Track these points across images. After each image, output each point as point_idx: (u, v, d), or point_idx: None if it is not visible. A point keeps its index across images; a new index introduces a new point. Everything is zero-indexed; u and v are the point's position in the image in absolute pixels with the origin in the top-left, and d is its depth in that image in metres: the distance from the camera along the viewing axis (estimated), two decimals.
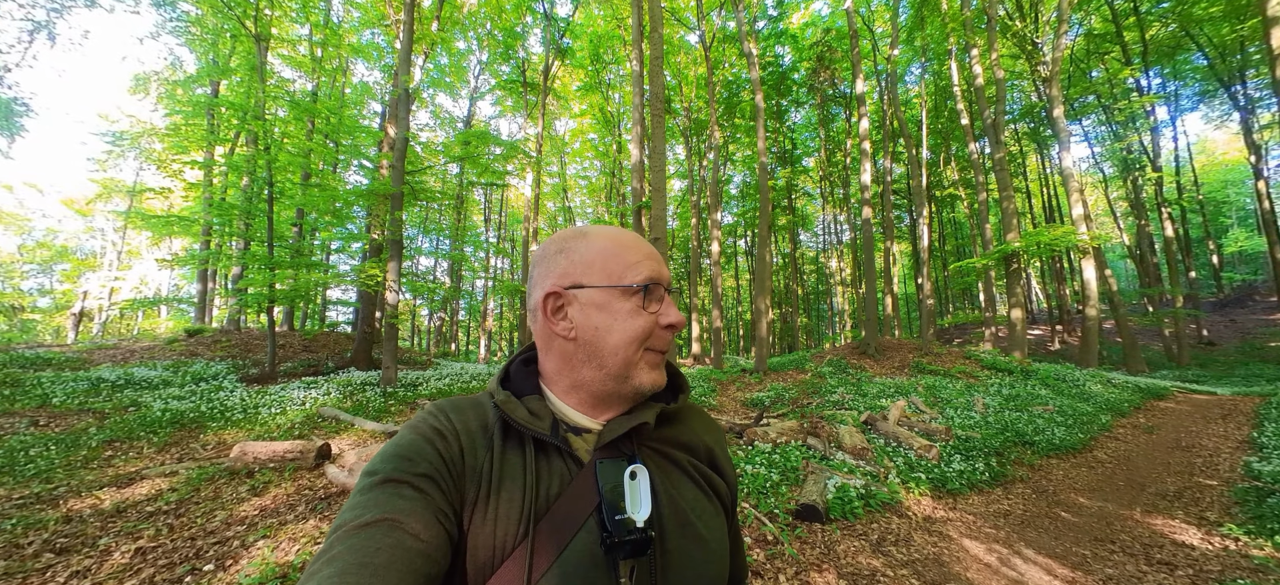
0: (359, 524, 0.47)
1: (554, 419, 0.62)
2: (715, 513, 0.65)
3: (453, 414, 0.61)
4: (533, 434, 0.60)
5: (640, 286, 0.60)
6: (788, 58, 21.06)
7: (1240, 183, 34.02)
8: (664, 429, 0.66)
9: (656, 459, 0.63)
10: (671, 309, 0.61)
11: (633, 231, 0.67)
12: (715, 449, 0.71)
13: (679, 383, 0.71)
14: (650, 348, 0.61)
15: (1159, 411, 8.36)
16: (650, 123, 6.56)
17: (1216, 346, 18.97)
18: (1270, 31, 8.44)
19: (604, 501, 0.55)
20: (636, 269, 0.61)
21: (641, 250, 0.63)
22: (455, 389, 8.59)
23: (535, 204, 17.60)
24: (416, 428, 0.58)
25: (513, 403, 0.61)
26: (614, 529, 0.54)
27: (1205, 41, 18.33)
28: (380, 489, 0.50)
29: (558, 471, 0.59)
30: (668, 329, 0.61)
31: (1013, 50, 17.75)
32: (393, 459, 0.54)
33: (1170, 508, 4.03)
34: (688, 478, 0.65)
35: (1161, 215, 19.64)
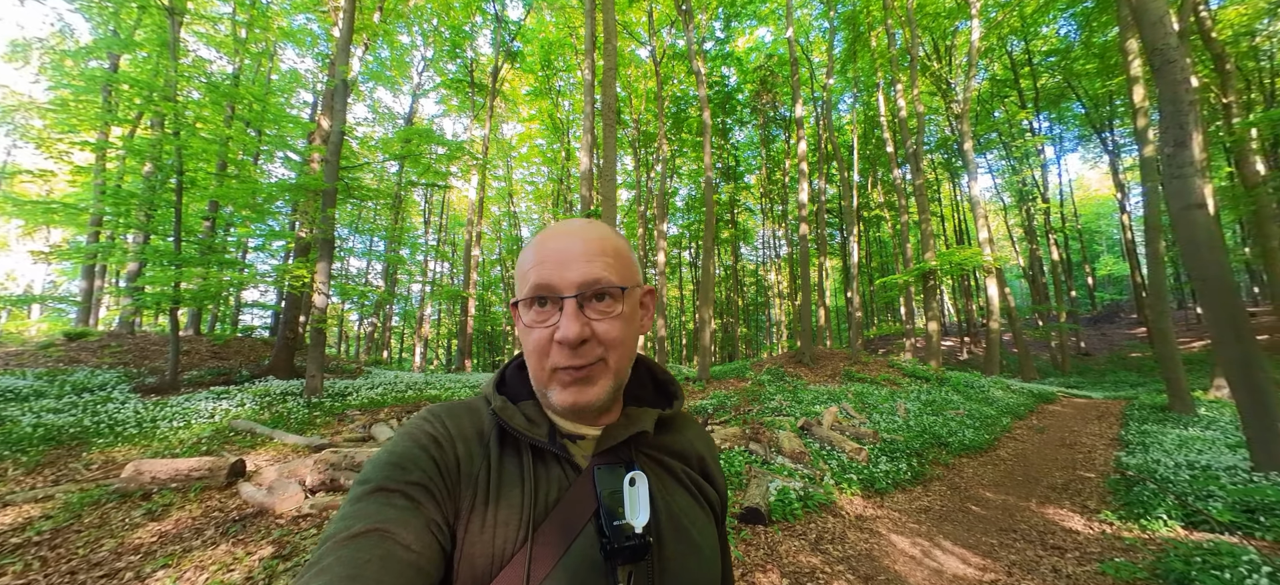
0: (349, 535, 0.46)
1: (551, 425, 0.60)
2: (707, 520, 0.65)
3: (448, 420, 0.60)
4: (530, 441, 0.59)
5: (528, 298, 0.57)
6: (733, 79, 21.95)
7: (1109, 215, 39.32)
8: (659, 436, 0.66)
9: (652, 466, 0.63)
10: (566, 323, 0.54)
11: (560, 228, 0.61)
12: (707, 458, 0.71)
13: (673, 390, 0.71)
14: (554, 365, 0.56)
15: (1048, 414, 9.44)
16: (601, 132, 6.61)
17: (1091, 356, 21.72)
18: (1132, 88, 9.91)
19: (602, 507, 0.55)
20: (528, 276, 0.57)
21: (541, 253, 0.58)
22: (389, 398, 8.12)
23: (479, 207, 17.08)
24: (411, 434, 0.57)
25: (510, 409, 0.60)
26: (613, 534, 0.53)
27: (1083, 93, 21.15)
28: (371, 498, 0.49)
29: (556, 478, 0.58)
30: (558, 345, 0.55)
31: (930, 88, 19.56)
32: (385, 467, 0.52)
33: (1059, 499, 4.57)
34: (681, 485, 0.65)
35: (1049, 241, 22.32)
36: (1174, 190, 5.11)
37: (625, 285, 0.58)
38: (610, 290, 0.57)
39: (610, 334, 0.57)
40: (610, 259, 0.59)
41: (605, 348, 0.57)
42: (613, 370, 0.58)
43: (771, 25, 20.48)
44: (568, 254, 0.57)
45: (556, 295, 0.56)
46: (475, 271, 16.47)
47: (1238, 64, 15.52)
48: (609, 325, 0.57)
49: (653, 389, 0.72)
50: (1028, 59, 20.41)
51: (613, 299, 0.58)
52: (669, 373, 0.72)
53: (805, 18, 20.34)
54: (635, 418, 0.63)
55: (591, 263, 0.57)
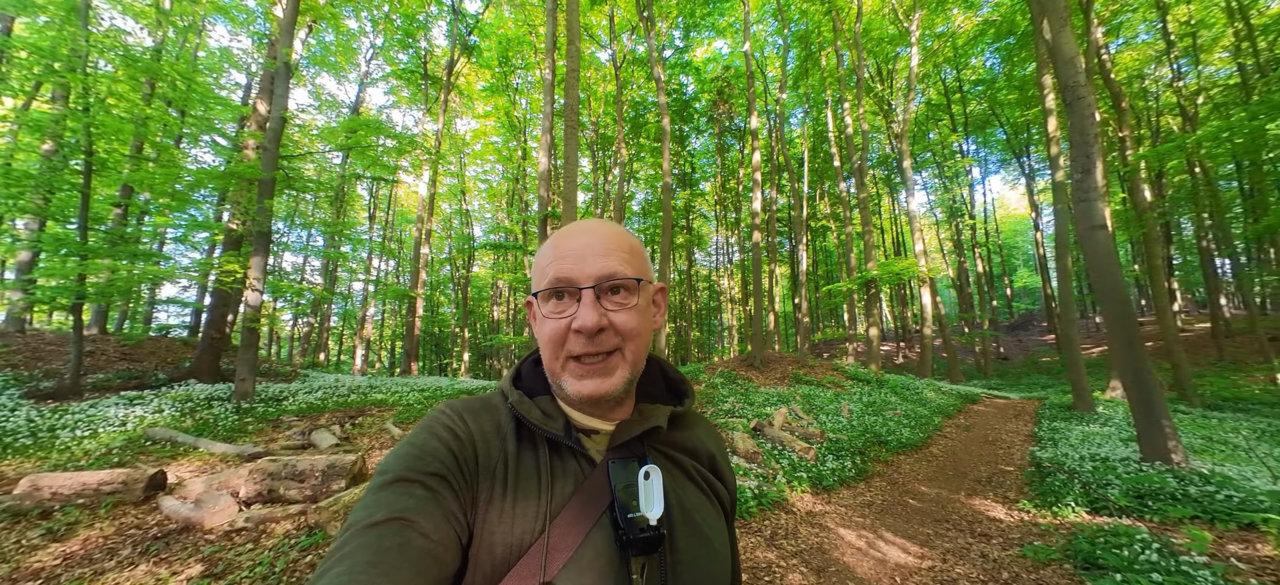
0: (370, 523, 0.47)
1: (567, 420, 0.62)
2: (717, 516, 0.67)
3: (466, 414, 0.61)
4: (547, 434, 0.60)
5: (547, 290, 0.59)
6: (691, 88, 22.39)
7: (1025, 232, 43.20)
8: (671, 433, 0.68)
9: (664, 461, 0.65)
10: (583, 311, 0.57)
11: (578, 226, 0.63)
12: (717, 455, 0.72)
13: (685, 388, 0.73)
14: (570, 355, 0.58)
15: (973, 413, 10.25)
16: (562, 134, 6.57)
17: (1009, 360, 23.78)
18: (1047, 119, 11.00)
19: (617, 500, 0.57)
20: (547, 271, 0.60)
21: (560, 249, 0.61)
22: (330, 403, 7.67)
23: (430, 204, 16.44)
24: (429, 427, 0.59)
25: (526, 403, 0.62)
26: (627, 526, 0.55)
27: (1005, 121, 23.19)
28: (391, 488, 0.51)
29: (572, 471, 0.60)
30: (577, 333, 0.57)
31: (874, 108, 20.80)
32: (405, 457, 0.54)
33: (984, 490, 4.99)
34: (691, 481, 0.67)
35: (975, 255, 24.25)
36: (1081, 212, 5.73)
37: (640, 279, 0.61)
38: (626, 283, 0.60)
39: (627, 325, 0.59)
40: (625, 254, 0.61)
41: (622, 338, 0.59)
42: (628, 361, 0.60)
43: (728, 38, 21.08)
44: (586, 249, 0.60)
45: (575, 287, 0.58)
46: (424, 270, 15.82)
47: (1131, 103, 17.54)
48: (625, 316, 0.59)
49: (664, 387, 0.74)
50: (959, 87, 22.19)
51: (628, 291, 0.60)
52: (680, 371, 0.75)
53: (761, 34, 21.09)
54: (648, 414, 0.65)
55: (608, 257, 0.60)
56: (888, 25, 18.42)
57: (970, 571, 3.07)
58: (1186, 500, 3.71)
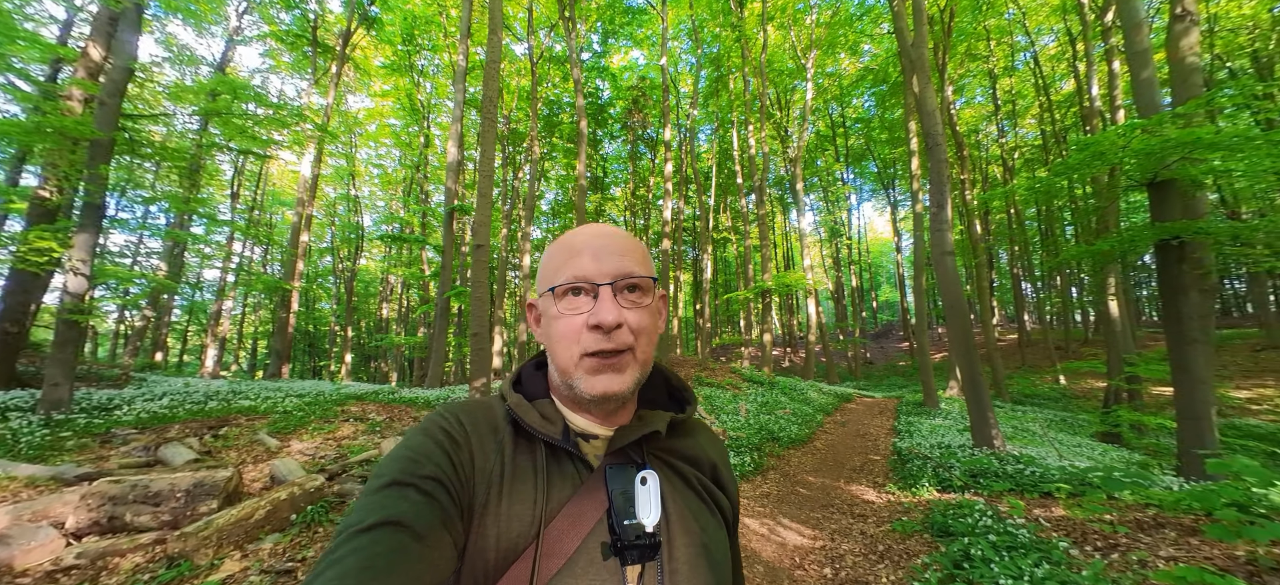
0: (363, 527, 0.46)
1: (565, 424, 0.62)
2: (718, 526, 0.66)
3: (463, 416, 0.61)
4: (544, 438, 0.60)
5: (563, 286, 0.59)
6: (607, 93, 22.60)
7: (888, 253, 49.91)
8: (671, 440, 0.68)
9: (663, 469, 0.64)
10: (602, 307, 0.57)
11: (592, 227, 0.64)
12: (719, 465, 0.72)
13: (686, 395, 0.73)
14: (585, 351, 0.58)
15: (848, 411, 11.62)
16: (482, 127, 6.30)
17: (874, 364, 27.27)
18: (911, 159, 12.89)
19: (614, 506, 0.56)
20: (563, 269, 0.60)
21: (576, 248, 0.61)
22: (182, 412, 6.51)
23: (313, 186, 14.64)
24: (425, 430, 0.58)
25: (525, 405, 0.62)
26: (623, 533, 0.54)
27: (877, 156, 26.65)
28: (386, 491, 0.50)
29: (569, 475, 0.60)
30: (594, 329, 0.58)
31: (773, 133, 22.68)
32: (400, 461, 0.53)
33: (859, 478, 5.73)
34: (692, 489, 0.66)
35: (850, 271, 27.48)
36: (935, 240, 6.83)
37: (654, 279, 0.63)
38: (641, 282, 0.61)
39: (641, 323, 0.60)
40: (639, 256, 0.63)
41: (635, 336, 0.59)
42: (639, 361, 0.60)
43: (645, 50, 21.65)
44: (603, 248, 0.61)
45: (593, 284, 0.59)
46: (302, 260, 14.03)
47: (969, 152, 21.12)
48: (639, 315, 0.60)
49: (666, 394, 0.74)
50: (843, 122, 25.11)
51: (643, 291, 0.61)
52: (682, 379, 0.75)
53: (676, 50, 21.95)
54: (648, 419, 0.64)
55: (624, 256, 0.61)
56: (788, 60, 20.26)
57: (854, 547, 3.54)
58: (1006, 477, 4.62)
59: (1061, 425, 11.18)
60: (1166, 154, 4.33)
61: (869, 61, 21.37)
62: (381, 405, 7.72)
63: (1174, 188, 4.84)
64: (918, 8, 7.58)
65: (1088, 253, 6.38)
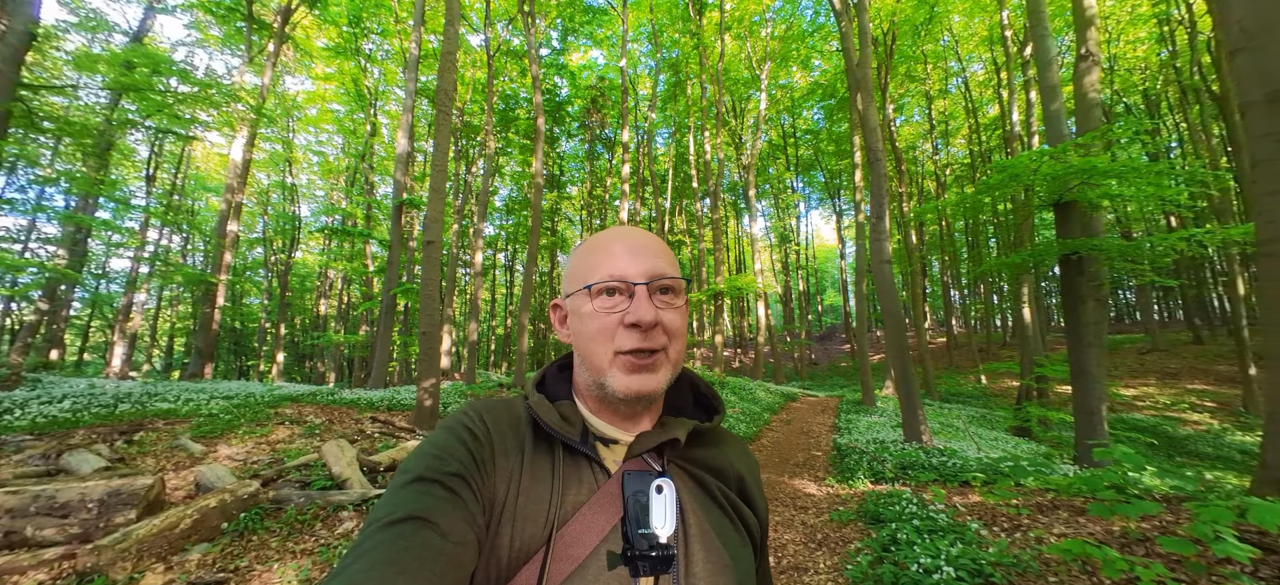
0: (390, 520, 0.47)
1: (585, 426, 0.62)
2: (742, 543, 0.63)
3: (487, 415, 0.61)
4: (562, 439, 0.60)
5: (599, 285, 0.59)
6: (565, 90, 22.42)
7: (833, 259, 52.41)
8: (696, 450, 0.66)
9: (685, 479, 0.63)
10: (639, 306, 0.58)
11: (624, 229, 0.65)
12: (747, 479, 0.69)
13: (714, 405, 0.72)
14: (619, 350, 0.58)
15: (793, 409, 12.15)
16: (436, 119, 6.11)
17: (818, 365, 28.58)
18: (856, 171, 13.65)
19: (628, 513, 0.55)
20: (598, 268, 0.60)
21: (611, 248, 0.62)
22: (87, 416, 5.92)
23: (244, 171, 13.60)
24: (450, 427, 0.59)
25: (545, 405, 0.62)
26: (636, 542, 0.53)
27: (825, 167, 27.94)
28: (412, 486, 0.51)
29: (586, 479, 0.59)
30: (631, 327, 0.58)
31: (728, 140, 23.29)
32: (426, 457, 0.54)
33: (802, 472, 6.03)
34: (715, 502, 0.64)
35: (797, 276, 28.64)
36: (875, 249, 7.30)
37: (688, 280, 0.64)
38: (675, 284, 0.61)
39: (675, 324, 0.60)
40: (670, 258, 0.63)
41: (669, 337, 0.60)
42: (672, 361, 0.61)
43: (605, 50, 21.64)
44: (638, 248, 0.61)
45: (629, 283, 0.59)
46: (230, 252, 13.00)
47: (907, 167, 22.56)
48: (674, 315, 0.60)
49: (692, 401, 0.73)
50: (794, 133, 26.16)
51: (675, 293, 0.62)
52: (712, 387, 0.73)
53: (635, 52, 22.10)
54: (670, 426, 0.63)
55: (659, 257, 0.61)
56: (743, 69, 20.88)
57: (796, 537, 3.75)
58: (931, 468, 5.03)
59: (982, 421, 12.19)
60: (1069, 179, 4.88)
61: (819, 76, 22.40)
62: (320, 407, 7.33)
63: (1076, 208, 5.44)
64: (863, 30, 8.07)
65: (1004, 264, 7.04)
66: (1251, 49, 2.48)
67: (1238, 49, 2.55)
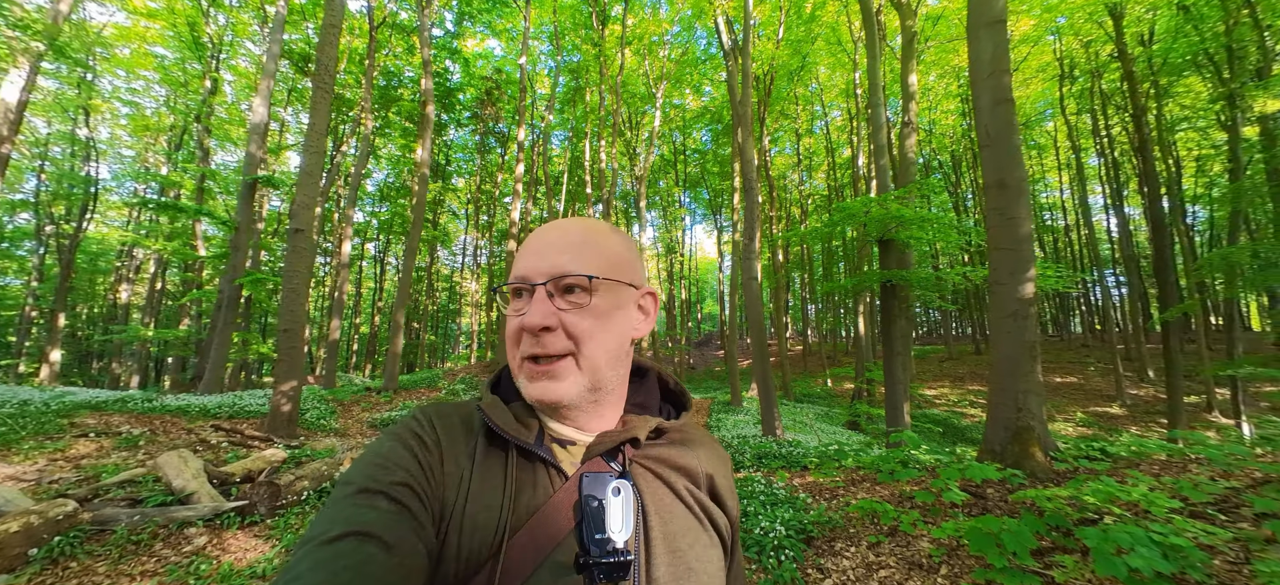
0: (327, 539, 0.44)
1: (541, 428, 0.59)
2: (710, 544, 0.60)
3: (436, 419, 0.58)
4: (515, 442, 0.56)
5: (510, 286, 0.58)
6: (457, 75, 21.28)
7: (712, 271, 56.68)
8: (661, 448, 0.63)
9: (649, 479, 0.60)
10: (532, 308, 0.55)
11: (551, 223, 0.61)
12: (717, 478, 0.65)
13: (684, 403, 0.70)
14: (523, 355, 0.57)
15: None
16: (313, 97, 5.53)
17: (696, 369, 30.71)
18: (734, 194, 15.12)
19: (586, 518, 0.53)
20: (513, 268, 0.59)
21: (527, 245, 0.59)
22: None
23: (18, 116, 10.65)
24: (396, 434, 0.55)
25: (498, 407, 0.58)
26: (593, 548, 0.51)
27: (709, 185, 30.20)
28: (352, 500, 0.47)
29: (541, 484, 0.56)
30: (527, 332, 0.56)
31: (623, 150, 24.08)
32: (369, 467, 0.51)
33: None
34: (681, 503, 0.60)
35: (681, 285, 30.52)
36: (745, 267, 8.29)
37: (593, 275, 0.57)
38: (577, 281, 0.56)
39: (577, 327, 0.56)
40: (587, 252, 0.58)
41: (574, 341, 0.56)
42: (584, 368, 0.57)
43: (504, 41, 21.02)
44: (547, 245, 0.58)
45: (530, 284, 0.56)
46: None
47: (778, 194, 25.41)
48: (576, 317, 0.56)
49: (660, 399, 0.70)
50: (683, 150, 27.91)
51: (581, 291, 0.57)
52: (682, 385, 0.70)
53: (536, 50, 21.79)
54: (631, 425, 0.61)
55: (562, 253, 0.57)
56: (641, 85, 21.80)
57: None
58: (780, 457, 5.93)
59: (825, 417, 14.29)
60: (887, 221, 6.16)
61: (708, 102, 24.25)
62: (135, 416, 6.18)
63: (893, 245, 6.85)
64: (746, 72, 9.12)
65: (841, 286, 8.51)
66: (990, 147, 3.54)
67: (983, 146, 3.61)
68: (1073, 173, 21.87)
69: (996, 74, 3.39)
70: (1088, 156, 21.64)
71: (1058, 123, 20.64)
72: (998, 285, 3.37)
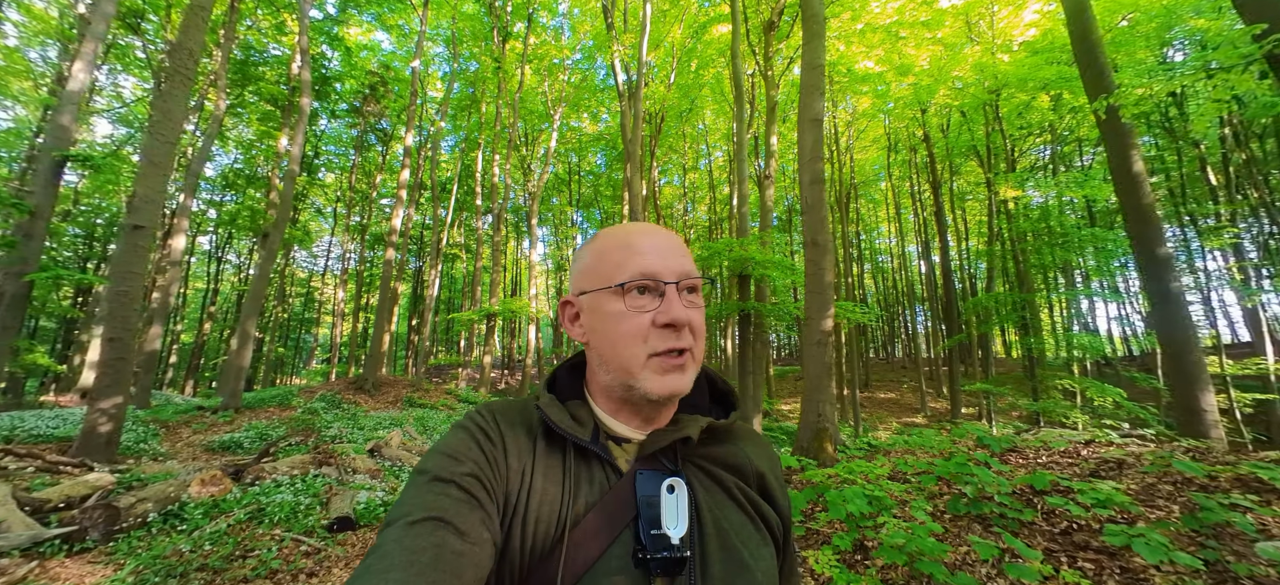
0: (408, 522, 0.47)
1: (596, 426, 0.61)
2: (763, 542, 0.61)
3: (499, 416, 0.61)
4: (573, 440, 0.59)
5: (628, 283, 0.58)
6: (335, 62, 19.53)
7: None
8: (712, 447, 0.64)
9: (701, 477, 0.61)
10: (671, 305, 0.57)
11: (647, 226, 0.64)
12: (768, 475, 0.67)
13: (731, 401, 0.71)
14: (654, 351, 0.58)
15: None
16: (169, 80, 4.95)
17: None
18: (624, 220, 16.02)
19: (641, 514, 0.54)
20: (625, 266, 0.59)
21: (637, 245, 0.61)
22: None
23: None
24: (464, 427, 0.59)
25: (556, 407, 0.61)
26: (648, 543, 0.52)
27: (603, 207, 31.19)
28: (429, 487, 0.51)
29: (598, 480, 0.58)
30: (666, 327, 0.57)
31: (517, 164, 23.97)
32: (440, 457, 0.54)
33: None
34: (733, 501, 0.62)
35: None
36: None
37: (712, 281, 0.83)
38: (699, 284, 0.61)
39: (699, 324, 0.60)
40: (690, 258, 0.62)
41: (695, 336, 0.59)
42: (697, 360, 0.60)
43: (394, 36, 19.86)
44: (666, 247, 0.61)
45: (660, 281, 0.58)
46: None
47: (665, 222, 27.12)
48: (698, 316, 0.60)
49: (710, 398, 0.72)
50: (578, 171, 28.60)
51: (698, 292, 0.62)
52: (729, 383, 0.72)
53: (430, 51, 20.92)
54: (683, 424, 0.62)
55: (684, 257, 0.61)
56: (539, 103, 22.07)
57: None
58: None
59: None
60: (744, 261, 7.33)
61: (604, 129, 25.28)
62: None
63: (750, 279, 8.09)
64: (637, 115, 10.03)
65: (712, 312, 9.66)
66: (807, 214, 4.65)
67: (803, 212, 4.71)
68: (897, 225, 26.89)
69: (814, 160, 4.52)
70: (907, 214, 26.79)
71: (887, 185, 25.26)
72: (809, 320, 4.42)
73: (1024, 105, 12.85)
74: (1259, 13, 3.53)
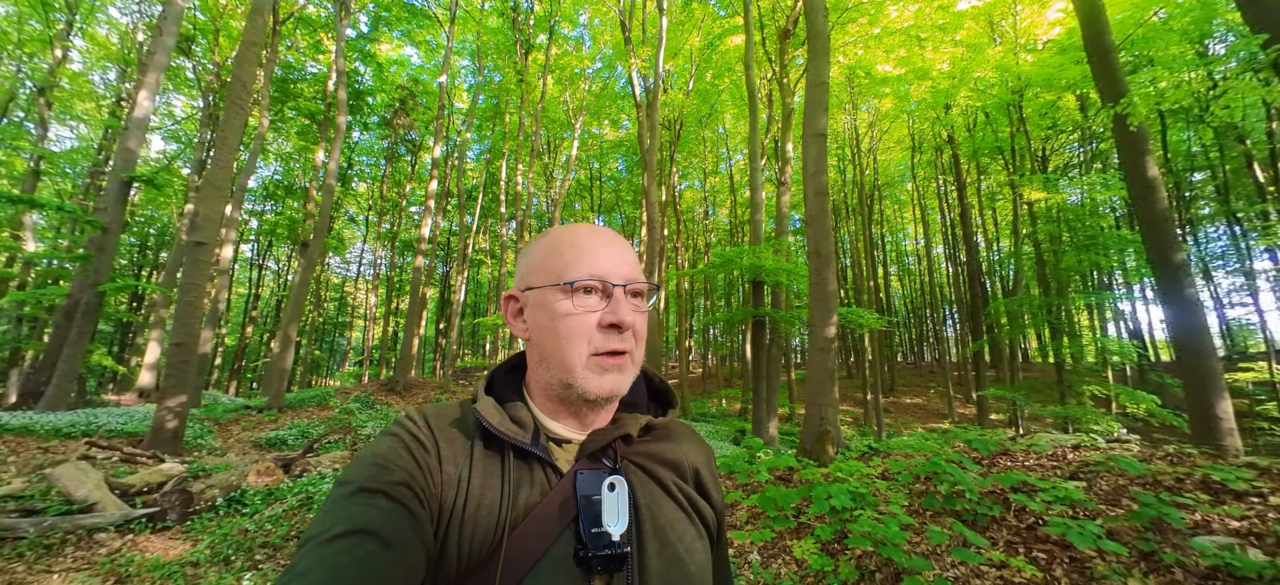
0: (328, 537, 0.45)
1: (536, 427, 0.61)
2: (698, 536, 0.63)
3: (433, 420, 0.60)
4: (512, 442, 0.58)
5: (578, 282, 0.58)
6: (368, 78, 20.51)
7: None
8: (650, 444, 0.66)
9: (639, 474, 0.62)
10: (619, 307, 0.58)
11: (597, 227, 0.64)
12: (702, 471, 0.68)
13: (668, 398, 0.72)
14: (595, 350, 0.58)
15: None
16: (227, 111, 5.50)
17: None
18: (643, 226, 16.31)
19: (582, 513, 0.55)
20: (576, 265, 0.59)
21: (586, 245, 0.61)
22: None
23: None
24: (394, 434, 0.57)
25: (494, 409, 0.60)
26: (589, 541, 0.53)
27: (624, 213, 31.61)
28: (353, 499, 0.49)
29: (538, 481, 0.58)
30: (610, 328, 0.58)
31: (541, 171, 24.61)
32: (368, 466, 0.52)
33: None
34: (670, 496, 0.63)
35: None
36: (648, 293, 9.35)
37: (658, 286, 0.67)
38: (645, 290, 0.63)
39: (641, 329, 0.62)
40: (638, 264, 0.65)
41: (636, 340, 0.61)
42: (635, 363, 0.62)
43: (422, 51, 20.73)
44: (616, 250, 0.62)
45: (609, 283, 0.59)
46: None
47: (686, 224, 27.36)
48: (642, 321, 0.62)
49: (648, 397, 0.73)
50: (599, 177, 29.11)
51: (643, 298, 0.64)
52: (666, 382, 0.73)
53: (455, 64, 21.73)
54: (623, 422, 0.63)
55: (634, 264, 0.63)
56: (560, 112, 22.63)
57: None
58: None
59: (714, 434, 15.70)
60: (757, 268, 7.53)
61: (625, 135, 25.68)
62: None
63: (764, 285, 8.26)
64: (653, 124, 10.31)
65: (725, 317, 9.85)
66: (811, 225, 4.85)
67: (807, 224, 4.91)
68: (923, 226, 26.42)
69: (817, 173, 4.72)
70: (934, 214, 26.29)
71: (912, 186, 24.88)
72: (813, 327, 4.62)
73: (1049, 105, 12.60)
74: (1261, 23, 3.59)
